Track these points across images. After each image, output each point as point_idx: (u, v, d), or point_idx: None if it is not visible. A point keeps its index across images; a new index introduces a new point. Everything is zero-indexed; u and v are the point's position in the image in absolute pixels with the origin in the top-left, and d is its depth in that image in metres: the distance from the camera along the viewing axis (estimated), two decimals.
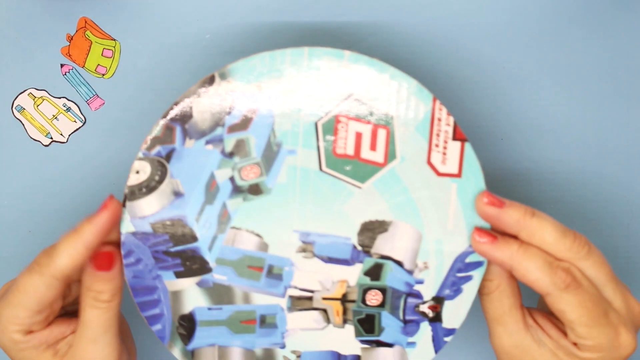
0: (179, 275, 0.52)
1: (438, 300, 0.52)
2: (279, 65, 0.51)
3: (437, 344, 0.53)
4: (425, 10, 0.60)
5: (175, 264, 0.52)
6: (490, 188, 0.59)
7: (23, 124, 0.61)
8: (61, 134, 0.61)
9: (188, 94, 0.51)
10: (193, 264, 0.52)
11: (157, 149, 0.51)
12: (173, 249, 0.51)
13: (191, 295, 0.52)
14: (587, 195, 0.61)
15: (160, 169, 0.51)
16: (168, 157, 0.51)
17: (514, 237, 0.50)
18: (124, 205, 0.51)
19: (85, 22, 0.60)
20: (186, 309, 0.52)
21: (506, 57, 0.61)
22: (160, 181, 0.51)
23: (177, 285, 0.52)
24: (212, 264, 0.52)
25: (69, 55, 0.60)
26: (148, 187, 0.51)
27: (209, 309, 0.52)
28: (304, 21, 0.60)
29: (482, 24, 0.61)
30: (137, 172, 0.51)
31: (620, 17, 0.61)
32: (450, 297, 0.52)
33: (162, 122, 0.51)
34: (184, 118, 0.51)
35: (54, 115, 0.60)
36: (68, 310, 0.53)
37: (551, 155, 0.61)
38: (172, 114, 0.51)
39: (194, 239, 0.51)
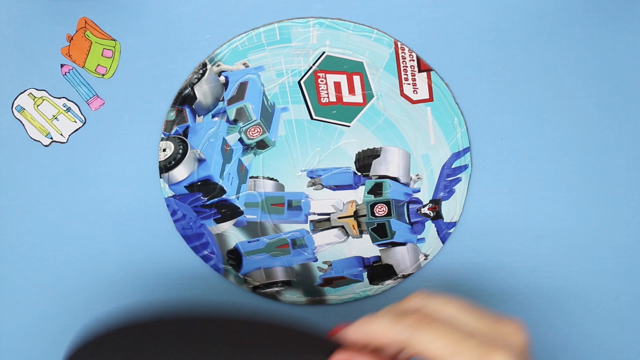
0: (218, 221, 0.62)
1: (435, 202, 0.62)
2: (257, 43, 0.61)
3: (443, 237, 0.62)
4: (425, 10, 0.62)
5: (213, 213, 0.62)
6: (491, 188, 0.62)
7: (23, 124, 0.60)
8: (61, 134, 0.61)
9: (188, 81, 0.61)
10: (227, 211, 0.62)
11: (175, 129, 0.61)
12: (208, 202, 0.62)
13: (232, 234, 0.62)
14: (587, 194, 0.62)
15: (182, 144, 0.61)
16: (185, 133, 0.61)
17: None
18: (160, 177, 0.60)
19: (85, 22, 0.61)
20: (230, 244, 0.62)
21: (506, 57, 0.62)
22: (184, 153, 0.61)
23: (219, 229, 0.62)
24: (242, 208, 0.62)
25: (69, 56, 0.60)
26: (175, 160, 0.61)
27: (249, 242, 0.62)
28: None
29: (483, 25, 0.62)
30: (164, 150, 0.61)
31: (621, 17, 0.62)
32: (446, 198, 0.62)
33: (173, 107, 0.61)
34: (190, 100, 0.61)
35: (54, 116, 0.60)
36: None
37: (551, 154, 0.61)
38: (179, 100, 0.61)
39: (222, 191, 0.62)
